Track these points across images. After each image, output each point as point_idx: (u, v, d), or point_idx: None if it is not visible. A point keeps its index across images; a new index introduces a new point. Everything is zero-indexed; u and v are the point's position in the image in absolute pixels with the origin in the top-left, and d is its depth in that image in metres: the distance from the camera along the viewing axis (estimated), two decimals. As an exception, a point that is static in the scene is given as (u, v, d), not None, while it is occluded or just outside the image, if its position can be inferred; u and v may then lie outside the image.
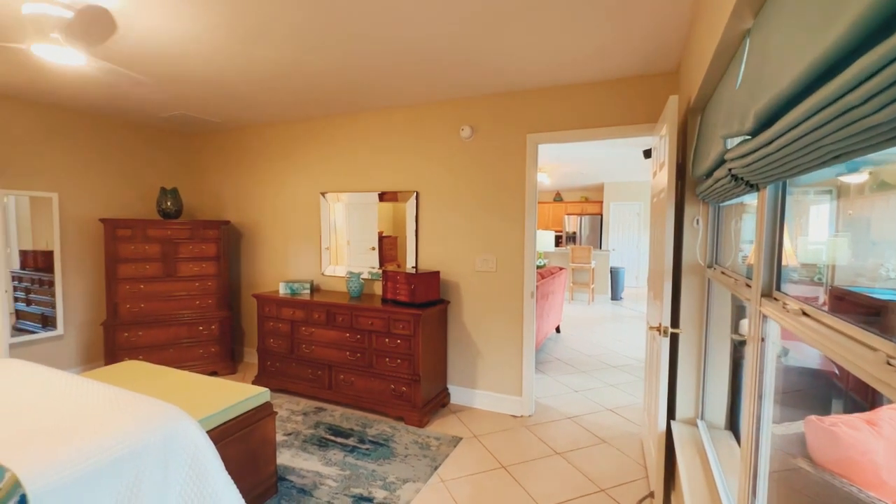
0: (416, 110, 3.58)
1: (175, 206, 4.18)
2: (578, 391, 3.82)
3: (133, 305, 3.85)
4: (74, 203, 3.92)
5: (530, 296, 3.24)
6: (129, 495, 1.48)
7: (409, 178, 3.65)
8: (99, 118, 4.06)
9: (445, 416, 3.31)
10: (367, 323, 3.28)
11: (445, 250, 3.54)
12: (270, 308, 3.73)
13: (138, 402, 1.79)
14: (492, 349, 3.40)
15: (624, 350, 5.12)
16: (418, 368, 3.11)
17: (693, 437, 2.07)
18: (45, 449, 1.42)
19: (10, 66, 2.80)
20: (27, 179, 3.62)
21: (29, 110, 3.60)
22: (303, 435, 2.96)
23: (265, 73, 2.85)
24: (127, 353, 3.78)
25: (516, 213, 3.26)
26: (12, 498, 1.24)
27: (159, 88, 3.20)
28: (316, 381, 3.53)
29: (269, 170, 4.37)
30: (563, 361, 4.65)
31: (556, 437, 2.97)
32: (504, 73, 2.83)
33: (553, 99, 3.11)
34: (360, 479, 2.46)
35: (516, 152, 3.25)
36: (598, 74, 2.85)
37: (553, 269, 5.46)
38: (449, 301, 3.51)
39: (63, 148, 3.82)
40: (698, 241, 2.13)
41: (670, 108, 2.01)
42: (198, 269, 4.07)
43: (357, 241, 3.96)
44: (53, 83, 3.12)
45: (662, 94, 2.81)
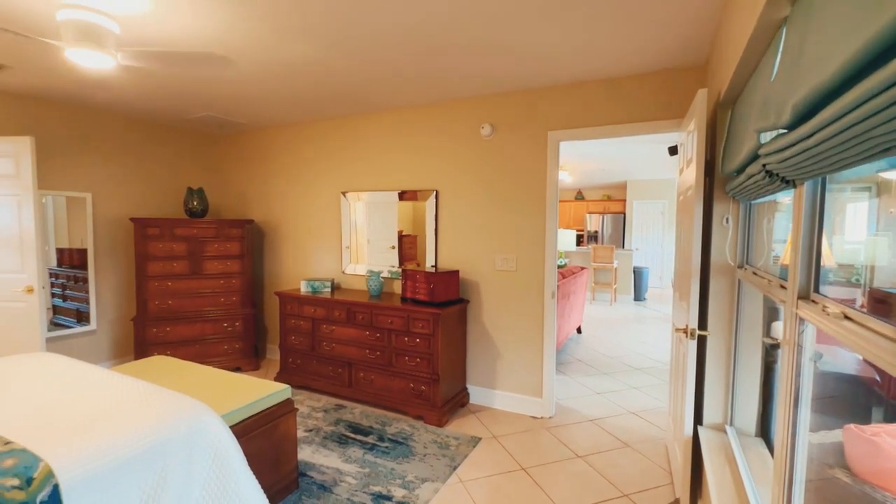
0: (436, 109, 3.57)
1: (201, 206, 4.28)
2: (600, 393, 3.74)
3: (161, 302, 3.96)
4: (106, 203, 4.06)
5: (551, 296, 3.19)
6: (156, 487, 1.52)
7: (429, 176, 3.65)
8: (129, 120, 4.19)
9: (464, 416, 3.29)
10: (386, 321, 3.29)
11: (465, 249, 3.52)
12: (292, 306, 3.78)
13: (165, 397, 1.84)
14: (511, 349, 3.36)
15: (647, 352, 5.00)
16: (437, 368, 3.11)
17: (722, 443, 1.99)
18: (76, 440, 1.47)
19: (48, 72, 2.91)
20: (63, 180, 3.76)
21: (65, 113, 3.74)
22: (323, 432, 2.99)
23: (288, 72, 2.88)
24: (155, 349, 3.90)
25: (537, 212, 3.22)
26: (45, 487, 1.28)
27: (186, 89, 3.28)
28: (336, 379, 3.56)
29: (291, 169, 4.43)
30: (585, 363, 4.57)
31: (577, 440, 2.92)
32: (526, 69, 2.79)
33: (575, 95, 3.06)
34: (380, 477, 2.47)
35: (537, 150, 3.20)
36: (623, 69, 2.78)
37: (574, 269, 5.37)
38: (468, 300, 3.49)
39: (96, 149, 3.96)
40: (728, 241, 2.05)
41: (699, 102, 1.94)
42: (222, 267, 4.16)
43: (377, 239, 3.98)
44: (87, 87, 3.24)
45: (690, 88, 2.72)
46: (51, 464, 1.33)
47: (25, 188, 3.19)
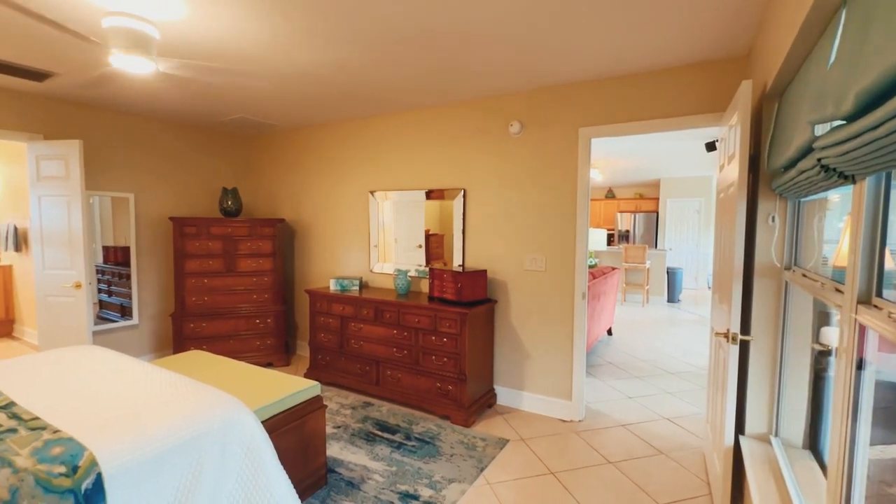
0: (464, 107, 3.54)
1: (235, 205, 4.41)
2: (632, 397, 3.63)
3: (198, 298, 4.10)
4: (147, 202, 4.24)
5: (581, 297, 3.11)
6: (192, 478, 1.56)
7: (457, 175, 3.63)
8: (168, 124, 4.36)
9: (492, 417, 3.26)
10: (413, 320, 3.29)
11: (493, 248, 3.48)
12: (321, 304, 3.84)
13: (201, 391, 1.89)
14: (540, 351, 3.30)
15: (682, 356, 4.82)
16: (464, 367, 3.08)
17: (766, 455, 1.89)
18: (118, 431, 1.53)
19: (94, 78, 3.05)
20: (108, 181, 3.95)
21: (109, 118, 3.93)
22: (351, 429, 3.02)
23: (319, 73, 2.92)
24: (192, 343, 4.04)
25: (567, 211, 3.14)
26: (90, 476, 1.33)
27: (221, 92, 3.38)
28: (364, 377, 3.60)
29: (321, 169, 4.50)
30: (616, 365, 4.45)
31: (608, 445, 2.83)
32: (557, 64, 2.72)
33: (607, 90, 2.97)
34: (407, 475, 2.47)
35: (567, 147, 3.12)
36: (660, 62, 2.68)
37: (605, 269, 5.24)
38: (496, 300, 3.45)
39: (138, 152, 4.14)
40: (774, 241, 1.94)
41: (742, 94, 1.84)
42: (255, 265, 4.27)
43: (404, 238, 3.99)
44: (129, 92, 3.38)
45: (731, 80, 2.59)
46: (95, 453, 1.39)
47: (74, 189, 3.36)
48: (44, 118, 3.54)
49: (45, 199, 3.44)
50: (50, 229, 3.44)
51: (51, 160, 3.39)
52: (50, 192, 3.42)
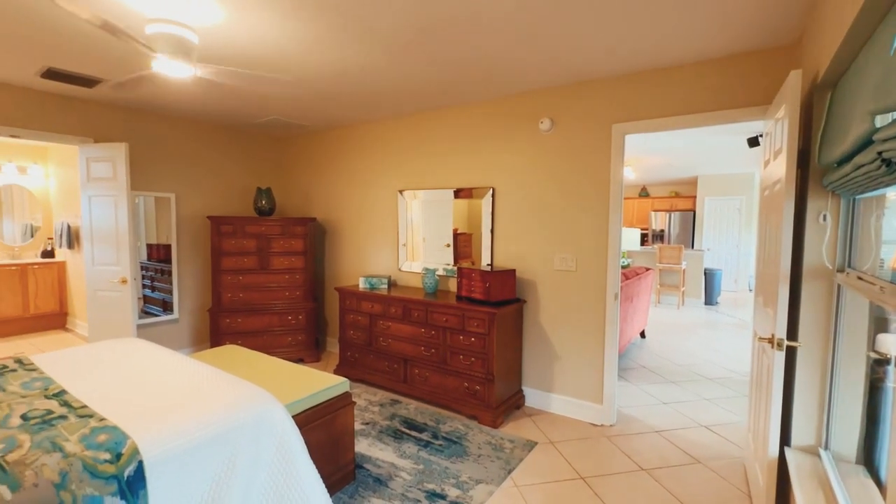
0: (493, 104, 3.51)
1: (269, 205, 4.53)
2: (667, 403, 3.50)
3: (233, 295, 4.24)
4: (187, 202, 4.42)
5: (614, 298, 3.02)
6: (226, 470, 1.60)
7: (485, 174, 3.60)
8: (206, 126, 4.53)
9: (520, 418, 3.22)
10: (441, 319, 3.29)
11: (522, 248, 3.43)
12: (351, 301, 3.89)
13: (236, 385, 1.94)
14: (570, 352, 3.23)
15: (721, 361, 4.61)
16: (492, 368, 3.05)
17: (814, 468, 1.77)
18: (159, 421, 1.59)
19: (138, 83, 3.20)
20: (152, 181, 4.14)
21: (152, 121, 4.12)
22: (379, 426, 3.04)
23: (350, 74, 2.95)
24: (228, 338, 4.18)
25: (599, 210, 3.06)
26: (132, 463, 1.39)
27: (255, 95, 3.47)
28: (392, 374, 3.62)
29: (350, 169, 4.57)
30: (649, 369, 4.30)
31: (641, 452, 2.74)
32: (590, 58, 2.65)
33: (642, 84, 2.86)
34: (434, 474, 2.47)
35: (600, 144, 3.04)
36: (699, 53, 2.56)
37: (639, 270, 5.08)
38: (525, 300, 3.40)
39: (178, 153, 4.32)
40: (825, 241, 1.82)
41: (791, 85, 1.73)
42: (287, 262, 4.38)
43: (432, 237, 3.99)
44: (170, 96, 3.53)
45: (777, 71, 2.45)
46: (137, 441, 1.45)
47: (120, 189, 3.54)
48: (94, 122, 3.74)
49: (94, 199, 3.64)
50: (99, 227, 3.64)
51: (99, 162, 3.58)
52: (99, 192, 3.61)
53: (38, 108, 3.44)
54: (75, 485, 1.28)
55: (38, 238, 5.77)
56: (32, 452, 1.34)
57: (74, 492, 1.27)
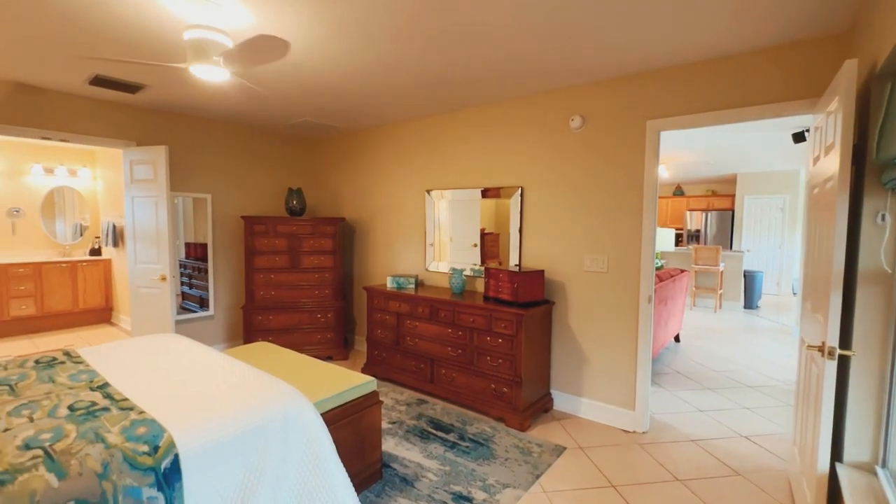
0: (522, 102, 3.45)
1: (300, 205, 4.62)
2: (704, 411, 3.36)
3: (265, 293, 4.35)
4: (223, 202, 4.56)
5: (647, 300, 2.92)
6: (257, 465, 1.63)
7: (514, 173, 3.55)
8: (240, 128, 4.66)
9: (548, 422, 3.15)
10: (468, 320, 3.27)
11: (551, 248, 3.36)
12: (378, 300, 3.92)
13: (267, 382, 1.98)
14: (601, 356, 3.14)
15: (762, 367, 4.39)
16: (520, 370, 3.01)
17: (870, 486, 1.65)
18: (194, 415, 1.63)
19: (179, 88, 3.33)
20: (190, 182, 4.30)
21: (190, 124, 4.27)
22: (406, 425, 3.05)
23: (380, 74, 2.97)
24: (260, 335, 4.29)
25: (632, 209, 2.96)
26: (168, 456, 1.43)
27: (287, 98, 3.55)
28: (419, 374, 3.63)
29: (379, 169, 4.60)
30: (684, 375, 4.14)
31: (676, 461, 2.64)
32: (624, 52, 2.57)
33: (679, 79, 2.75)
34: (460, 476, 2.45)
35: (633, 141, 2.94)
36: (740, 45, 2.44)
37: (673, 272, 4.90)
38: (554, 302, 3.34)
39: (215, 154, 4.47)
40: (884, 242, 1.69)
41: (845, 75, 1.61)
42: (317, 261, 4.45)
43: (459, 237, 3.97)
44: (206, 100, 3.65)
45: (827, 61, 2.30)
46: (173, 435, 1.49)
47: (161, 190, 3.68)
48: (137, 126, 3.91)
49: (136, 200, 3.81)
50: (140, 227, 3.81)
51: (141, 164, 3.74)
52: (141, 193, 3.77)
53: (86, 113, 3.62)
54: (116, 475, 1.33)
55: (86, 237, 6.10)
56: (77, 442, 1.40)
57: (115, 482, 1.32)
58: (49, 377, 2.00)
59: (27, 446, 1.37)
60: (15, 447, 1.37)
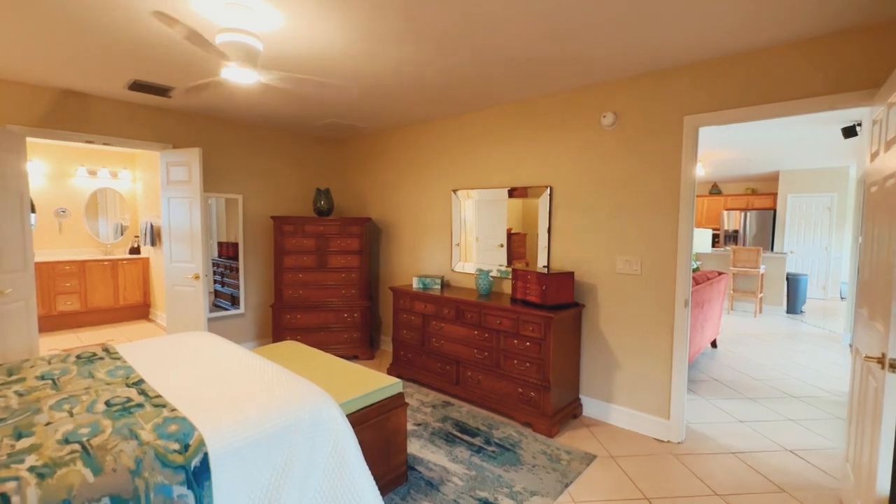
0: (551, 100, 3.37)
1: (327, 205, 4.67)
2: (744, 421, 3.18)
3: (294, 292, 4.42)
4: (253, 202, 4.66)
5: (684, 304, 2.79)
6: (284, 467, 1.64)
7: (542, 172, 3.46)
8: (269, 130, 4.75)
9: (577, 428, 3.06)
10: (495, 322, 3.21)
11: (581, 249, 3.26)
12: (404, 301, 3.91)
13: (293, 382, 1.99)
14: (633, 361, 3.02)
15: (807, 377, 4.14)
16: (548, 374, 2.93)
17: (938, 514, 1.50)
18: (222, 414, 1.65)
19: (211, 91, 3.40)
20: (223, 183, 4.41)
21: (222, 126, 4.38)
22: (431, 427, 3.02)
23: (402, 76, 2.95)
24: (288, 333, 4.36)
25: (668, 209, 2.84)
26: (198, 454, 1.45)
27: (315, 100, 3.58)
28: (444, 376, 3.59)
29: (405, 169, 4.60)
30: (722, 383, 3.95)
31: (714, 475, 2.50)
32: (661, 46, 2.45)
33: (719, 72, 2.61)
34: (486, 482, 2.40)
35: (669, 138, 2.82)
36: (787, 35, 2.29)
37: (710, 274, 4.69)
38: (584, 305, 3.24)
39: (245, 156, 4.57)
40: (956, 245, 1.54)
41: (913, 62, 1.47)
42: (344, 261, 4.49)
43: (486, 237, 3.91)
44: (237, 102, 3.73)
45: (886, 50, 2.13)
46: (203, 434, 1.51)
47: (195, 191, 3.79)
48: (172, 129, 4.04)
49: (172, 201, 3.93)
50: (176, 227, 3.93)
51: (177, 166, 3.86)
52: (176, 194, 3.89)
53: (126, 117, 3.77)
54: (148, 472, 1.35)
55: (126, 236, 6.37)
56: (112, 438, 1.43)
57: (147, 479, 1.34)
58: (89, 372, 2.07)
59: (66, 440, 1.41)
60: (55, 441, 1.41)
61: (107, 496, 1.26)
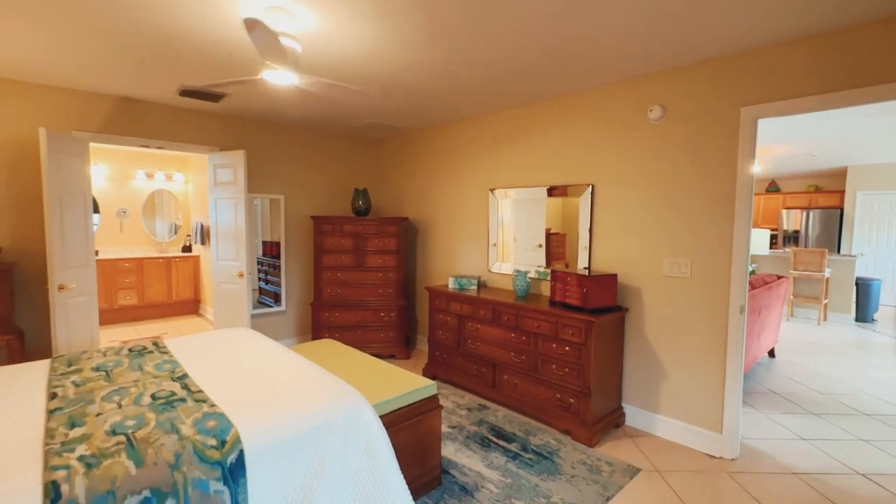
0: (592, 94, 3.22)
1: (365, 205, 4.72)
2: (808, 439, 2.92)
3: (332, 290, 4.49)
4: (294, 203, 4.78)
5: (739, 311, 2.58)
6: (317, 467, 1.63)
7: (584, 170, 3.33)
8: (310, 131, 4.85)
9: (619, 438, 2.91)
10: (532, 325, 3.11)
11: (624, 250, 3.10)
12: (440, 301, 3.88)
13: (328, 382, 1.99)
14: (682, 370, 2.84)
15: (882, 392, 3.76)
16: (589, 381, 2.80)
17: None
18: (258, 412, 1.67)
19: (255, 95, 3.51)
20: (265, 185, 4.55)
21: (265, 129, 4.52)
22: (466, 431, 2.97)
23: (435, 72, 2.91)
24: (327, 331, 4.43)
25: (721, 208, 2.64)
26: (234, 452, 1.47)
27: (353, 102, 3.61)
28: (480, 378, 3.53)
29: (441, 168, 4.57)
30: (781, 395, 3.65)
31: (774, 497, 2.30)
32: (713, 33, 2.28)
33: (781, 59, 2.39)
34: (522, 490, 2.32)
35: (723, 131, 2.62)
36: (862, 15, 2.05)
37: (768, 278, 4.36)
38: (627, 309, 3.08)
39: (287, 157, 4.69)
40: None
41: None
42: (381, 261, 4.52)
43: (523, 237, 3.81)
44: (277, 105, 3.82)
45: None
46: (239, 430, 1.53)
47: (239, 192, 3.92)
48: (219, 133, 4.21)
49: (219, 201, 4.09)
50: (222, 227, 4.09)
51: (223, 168, 4.01)
52: (222, 195, 4.05)
53: (177, 122, 3.96)
54: (186, 467, 1.38)
55: (179, 235, 6.73)
56: (155, 431, 1.48)
57: (185, 474, 1.37)
58: (139, 365, 2.16)
59: (113, 432, 1.47)
60: (104, 432, 1.47)
61: (148, 489, 1.30)
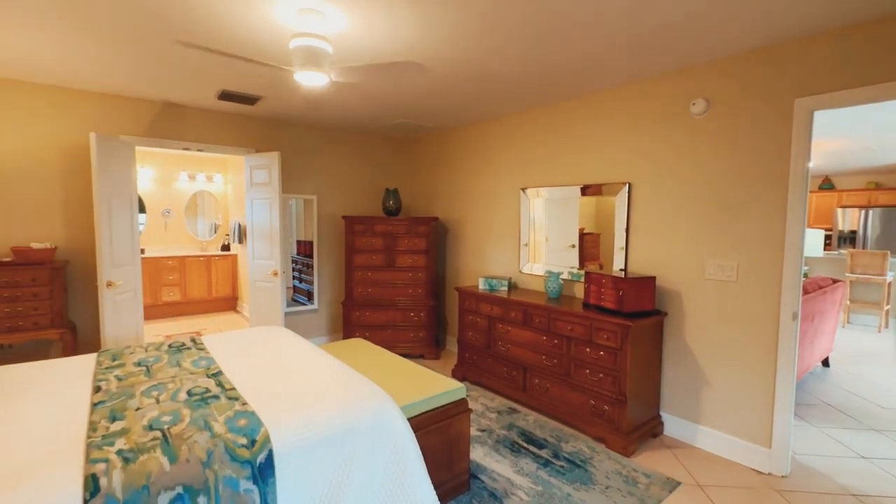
0: (630, 89, 3.09)
1: (396, 205, 4.73)
2: (868, 458, 2.69)
3: (363, 290, 4.53)
4: (327, 203, 4.85)
5: (791, 317, 2.41)
6: (345, 468, 1.63)
7: (620, 168, 3.20)
8: (342, 132, 4.91)
9: (657, 448, 2.78)
10: (565, 328, 3.02)
11: (663, 251, 2.96)
12: (470, 302, 3.83)
13: (357, 382, 1.99)
14: (726, 379, 2.68)
15: (954, 409, 3.43)
16: (624, 387, 2.69)
17: None
18: (287, 412, 1.68)
19: (288, 97, 3.58)
20: (299, 185, 4.64)
21: (299, 130, 4.60)
22: (496, 434, 2.91)
23: (475, 68, 2.87)
24: (357, 330, 4.47)
25: (771, 207, 2.46)
26: (263, 451, 1.48)
27: (384, 100, 3.62)
28: (510, 381, 3.46)
29: (472, 168, 4.52)
30: (836, 408, 3.39)
31: (830, 519, 2.13)
32: (777, 14, 2.12)
33: (840, 45, 2.20)
34: (554, 500, 2.24)
35: (775, 124, 2.44)
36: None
37: (822, 282, 4.07)
38: (666, 313, 2.93)
39: (320, 158, 4.77)
40: None
41: None
42: (411, 261, 4.51)
43: (556, 238, 3.71)
44: (311, 106, 3.88)
45: None
46: (269, 430, 1.54)
47: (274, 192, 4.01)
48: (255, 135, 4.32)
49: (255, 202, 4.20)
50: (258, 226, 4.19)
51: (259, 169, 4.12)
52: (258, 195, 4.15)
53: (216, 125, 4.09)
54: (217, 465, 1.40)
55: (218, 234, 6.98)
56: (189, 428, 1.51)
57: (217, 472, 1.39)
58: (177, 361, 2.23)
59: (150, 427, 1.51)
60: (141, 427, 1.51)
61: (181, 485, 1.32)
